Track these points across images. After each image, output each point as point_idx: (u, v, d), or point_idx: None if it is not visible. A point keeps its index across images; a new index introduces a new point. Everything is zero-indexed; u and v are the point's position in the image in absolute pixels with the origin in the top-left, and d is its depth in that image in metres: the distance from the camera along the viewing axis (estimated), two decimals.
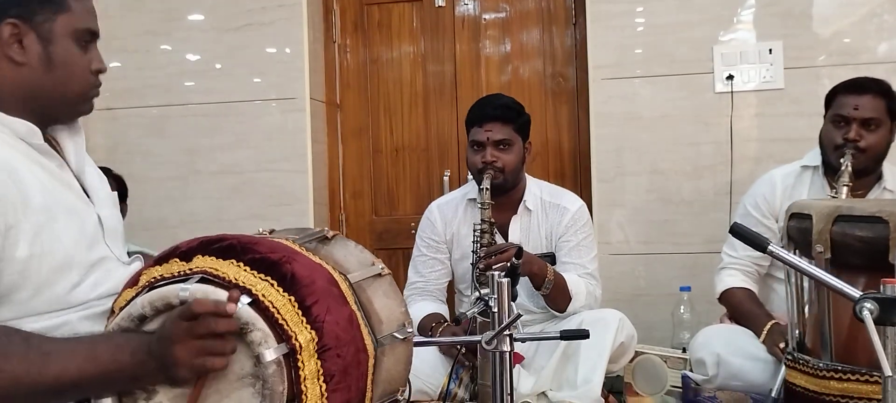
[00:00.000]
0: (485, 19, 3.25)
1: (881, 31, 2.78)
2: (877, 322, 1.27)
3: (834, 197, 2.14)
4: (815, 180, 2.36)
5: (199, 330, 1.07)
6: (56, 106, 1.36)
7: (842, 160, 2.18)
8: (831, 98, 2.33)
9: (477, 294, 1.63)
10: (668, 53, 2.91)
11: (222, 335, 1.08)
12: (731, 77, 2.85)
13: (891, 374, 1.26)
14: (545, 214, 2.49)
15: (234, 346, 1.10)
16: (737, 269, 2.42)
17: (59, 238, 1.26)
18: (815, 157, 2.37)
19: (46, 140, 1.36)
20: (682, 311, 2.72)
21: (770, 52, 2.83)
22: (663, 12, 2.91)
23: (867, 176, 2.27)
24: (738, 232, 1.62)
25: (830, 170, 2.29)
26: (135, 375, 1.11)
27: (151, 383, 1.15)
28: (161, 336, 1.09)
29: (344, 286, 1.23)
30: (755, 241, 1.58)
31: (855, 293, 1.35)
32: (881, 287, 1.37)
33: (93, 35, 1.39)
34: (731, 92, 2.86)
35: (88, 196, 1.40)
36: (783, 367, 1.87)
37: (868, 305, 1.29)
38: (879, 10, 2.77)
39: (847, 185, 2.13)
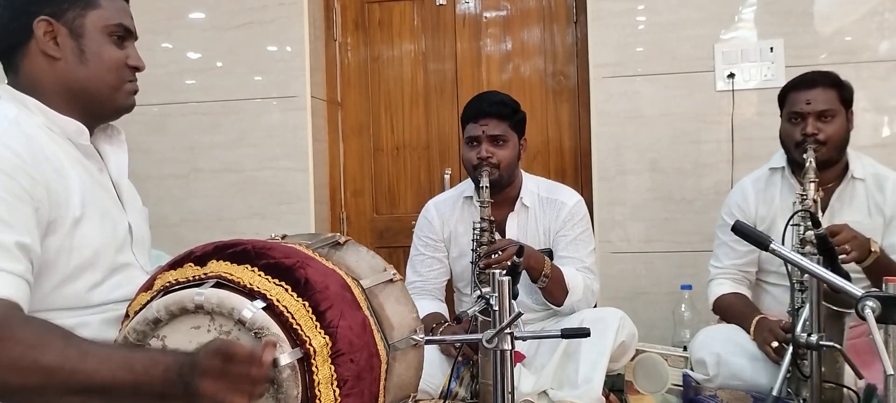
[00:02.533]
0: (486, 18, 3.25)
1: (882, 29, 2.78)
2: (878, 320, 1.27)
3: (803, 194, 2.15)
4: (784, 181, 2.38)
5: (232, 370, 1.06)
6: (95, 99, 1.41)
7: (805, 156, 2.19)
8: (783, 97, 2.35)
9: (478, 292, 1.63)
10: (670, 51, 2.91)
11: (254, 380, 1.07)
12: (732, 75, 2.85)
13: (892, 372, 1.26)
14: (542, 210, 2.48)
15: (264, 391, 1.09)
16: (725, 278, 2.44)
17: (90, 236, 1.30)
18: (780, 158, 2.39)
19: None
20: (682, 309, 2.72)
21: (771, 50, 2.83)
22: (664, 10, 2.91)
23: (832, 167, 2.28)
24: (741, 230, 1.62)
25: (796, 168, 2.31)
26: (162, 393, 1.10)
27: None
28: (193, 364, 1.08)
29: (357, 291, 1.24)
30: (757, 239, 1.59)
31: (857, 291, 1.35)
32: (883, 285, 1.37)
33: (127, 32, 1.46)
34: (732, 90, 2.85)
35: (123, 205, 1.46)
36: (784, 366, 1.88)
37: (870, 303, 1.29)
38: (881, 8, 2.77)
39: (813, 181, 2.14)
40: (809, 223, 2.06)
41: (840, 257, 2.04)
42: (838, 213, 2.29)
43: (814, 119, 2.23)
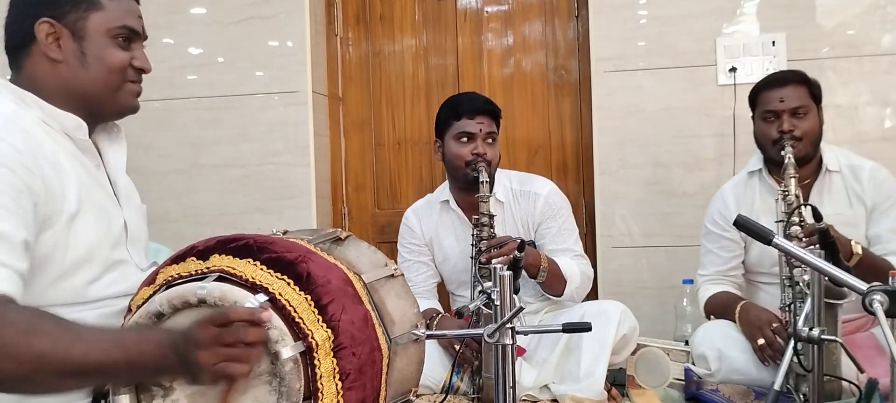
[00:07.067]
0: (487, 12, 3.24)
1: (885, 22, 2.77)
2: (887, 314, 1.27)
3: (785, 191, 2.16)
4: (762, 182, 2.40)
5: (228, 338, 1.07)
6: (95, 102, 1.40)
7: (783, 153, 2.21)
8: (754, 98, 2.38)
9: (479, 287, 1.63)
10: (671, 46, 2.91)
11: (250, 343, 1.08)
12: (734, 69, 2.84)
13: None
14: (517, 203, 2.51)
15: (260, 355, 1.10)
16: (711, 283, 2.47)
17: (85, 232, 1.30)
18: (757, 161, 2.42)
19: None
20: (684, 304, 2.72)
21: (773, 44, 2.82)
22: (666, 4, 2.90)
23: (808, 163, 2.31)
24: (743, 223, 1.62)
25: (774, 167, 2.33)
26: (157, 367, 1.12)
27: (172, 377, 1.16)
28: (187, 337, 1.09)
29: (358, 286, 1.24)
30: (759, 233, 1.58)
31: (862, 285, 1.34)
32: (890, 279, 1.37)
33: (133, 33, 1.43)
34: (734, 84, 2.85)
35: (119, 201, 1.45)
36: (785, 360, 1.88)
37: (878, 297, 1.28)
38: (883, 2, 2.76)
39: (794, 177, 2.17)
40: (796, 219, 2.10)
41: None
42: (819, 208, 2.29)
43: (788, 116, 2.26)
